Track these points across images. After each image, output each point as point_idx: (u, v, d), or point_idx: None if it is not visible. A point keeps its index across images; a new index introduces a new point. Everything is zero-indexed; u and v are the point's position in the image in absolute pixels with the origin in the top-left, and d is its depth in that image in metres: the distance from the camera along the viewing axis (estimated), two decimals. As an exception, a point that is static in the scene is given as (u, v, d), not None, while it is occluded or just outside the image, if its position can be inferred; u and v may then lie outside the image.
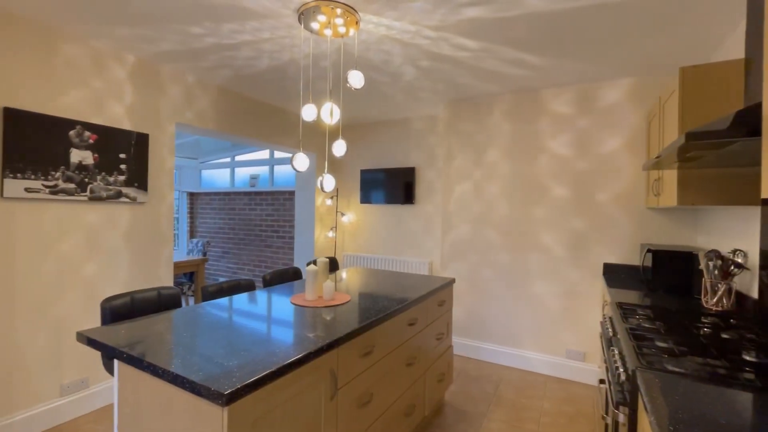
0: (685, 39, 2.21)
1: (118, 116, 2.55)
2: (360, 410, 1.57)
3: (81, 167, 2.34)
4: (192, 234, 6.09)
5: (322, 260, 1.98)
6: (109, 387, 2.53)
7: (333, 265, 3.03)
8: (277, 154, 5.43)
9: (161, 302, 1.82)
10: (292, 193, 5.07)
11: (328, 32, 2.13)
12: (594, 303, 2.96)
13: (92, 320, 2.45)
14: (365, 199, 4.49)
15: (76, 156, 2.32)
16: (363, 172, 4.52)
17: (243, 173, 5.83)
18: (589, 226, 2.98)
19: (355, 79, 2.03)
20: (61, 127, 2.25)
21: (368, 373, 1.62)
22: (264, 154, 5.58)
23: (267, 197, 5.30)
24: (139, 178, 2.64)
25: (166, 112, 2.84)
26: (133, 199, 2.62)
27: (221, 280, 5.66)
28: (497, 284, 3.33)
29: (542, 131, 3.16)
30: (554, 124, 3.11)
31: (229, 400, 0.96)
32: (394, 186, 4.30)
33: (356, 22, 2.06)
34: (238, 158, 5.86)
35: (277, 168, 5.49)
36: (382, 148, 4.47)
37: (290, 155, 5.23)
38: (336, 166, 4.80)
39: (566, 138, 3.07)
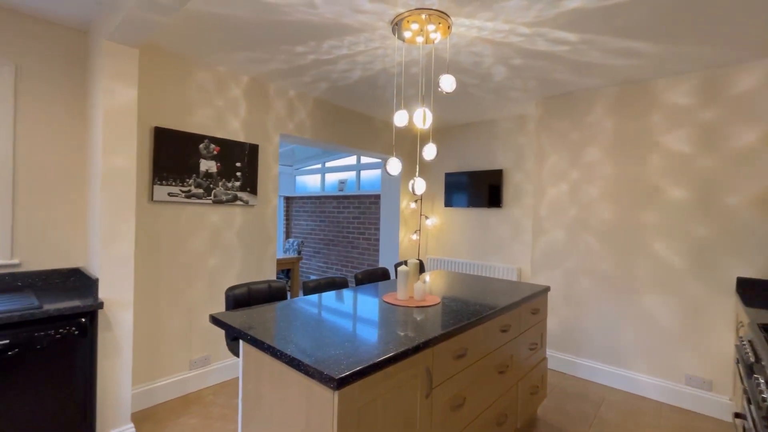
0: None
1: (235, 130, 2.93)
2: (453, 413, 1.57)
3: (207, 175, 2.74)
4: (287, 234, 6.68)
5: (413, 261, 2.03)
6: (226, 365, 2.90)
7: (419, 268, 3.08)
8: (364, 160, 5.69)
9: (271, 293, 2.04)
10: (377, 196, 5.26)
11: (419, 39, 2.19)
12: (722, 323, 2.54)
13: (214, 306, 2.84)
14: (449, 202, 4.46)
15: (204, 165, 2.72)
16: (447, 176, 4.50)
17: (332, 178, 6.22)
18: (716, 234, 2.57)
19: (447, 83, 2.05)
20: (193, 141, 2.66)
21: (461, 376, 1.61)
22: (351, 160, 5.89)
23: (354, 200, 5.58)
24: (250, 183, 3.00)
25: (272, 124, 3.18)
26: (246, 203, 2.98)
27: (312, 277, 6.10)
28: (597, 294, 3.05)
29: (653, 126, 2.82)
30: (669, 118, 2.75)
31: (339, 384, 1.05)
32: (478, 189, 4.20)
33: (448, 27, 2.09)
34: (327, 164, 6.27)
35: (363, 173, 5.75)
36: (466, 150, 4.41)
37: (376, 160, 5.44)
38: (421, 170, 4.86)
39: (685, 132, 2.69)
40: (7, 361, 1.56)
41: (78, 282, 2.17)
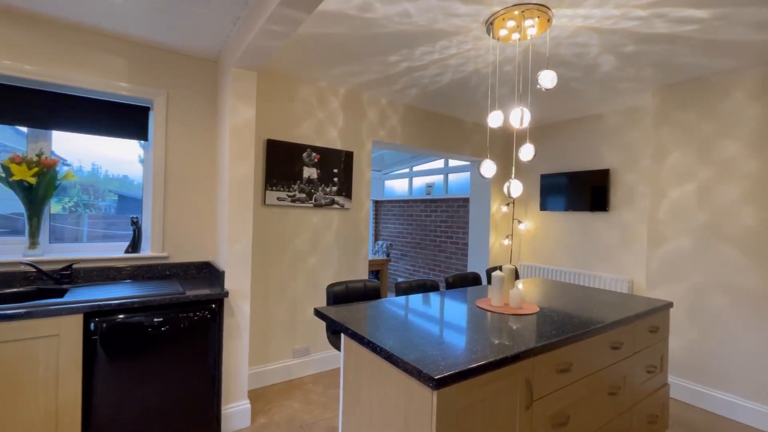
0: None
1: (332, 138, 3.15)
2: (555, 431, 1.47)
3: (309, 181, 3.00)
4: (376, 237, 6.93)
5: (508, 267, 1.95)
6: (324, 356, 3.12)
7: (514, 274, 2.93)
8: (451, 163, 5.63)
9: (366, 292, 2.15)
10: (465, 200, 5.16)
11: (515, 36, 2.10)
12: None
13: (314, 300, 3.08)
14: (545, 205, 4.17)
15: (306, 172, 2.99)
16: (543, 177, 4.21)
17: (419, 182, 6.29)
18: None
19: (547, 79, 1.93)
20: (298, 150, 2.94)
21: (564, 392, 1.50)
22: (439, 163, 5.88)
23: (441, 204, 5.56)
24: (346, 188, 3.20)
25: (365, 131, 3.35)
26: (342, 206, 3.18)
27: (400, 279, 6.23)
28: (736, 314, 2.55)
29: (822, 111, 2.27)
30: None
31: (438, 385, 1.07)
32: (579, 191, 3.85)
33: (548, 20, 1.97)
34: (415, 168, 6.36)
35: (451, 176, 5.70)
36: (565, 150, 4.08)
37: (464, 163, 5.34)
38: (514, 172, 4.63)
39: None
40: (161, 335, 1.91)
41: (208, 274, 2.55)
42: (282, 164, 2.87)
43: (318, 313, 1.74)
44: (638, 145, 3.49)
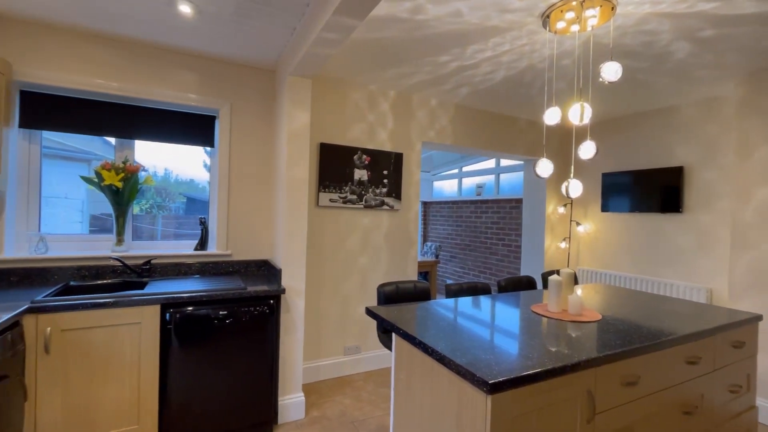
0: None
1: (382, 140, 3.20)
2: (620, 447, 1.37)
3: (359, 183, 3.07)
4: (425, 238, 6.90)
5: (567, 271, 1.85)
6: (374, 356, 3.17)
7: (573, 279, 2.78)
8: (503, 163, 5.46)
9: (416, 293, 2.15)
10: (518, 200, 4.97)
11: (574, 28, 2.00)
12: None
13: (364, 300, 3.15)
14: (607, 206, 3.89)
15: (357, 174, 3.06)
16: (605, 176, 3.94)
17: (469, 183, 6.16)
18: None
19: (611, 71, 1.81)
20: (349, 153, 3.02)
21: (631, 407, 1.39)
22: (489, 163, 5.72)
23: (492, 205, 5.40)
24: (395, 189, 3.22)
25: (415, 133, 3.36)
26: (391, 207, 3.21)
27: (449, 281, 6.14)
28: None
29: None
30: None
31: (492, 389, 1.04)
32: (647, 191, 3.55)
33: (612, 8, 1.85)
34: (465, 169, 6.24)
35: (502, 176, 5.52)
36: (630, 146, 3.78)
37: (516, 163, 5.15)
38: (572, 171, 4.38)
39: None
40: (225, 327, 2.06)
41: (267, 271, 2.70)
42: (334, 167, 2.97)
43: (370, 312, 1.78)
44: (718, 139, 3.14)
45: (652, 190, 3.52)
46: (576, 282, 2.81)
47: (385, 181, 3.18)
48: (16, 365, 1.58)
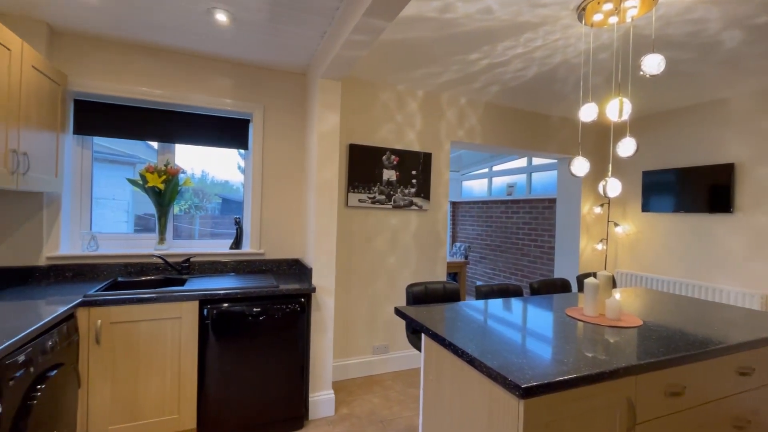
0: None
1: (411, 140, 3.19)
2: (663, 460, 1.30)
3: (388, 183, 3.08)
4: (454, 239, 6.82)
5: (605, 274, 1.78)
6: (402, 356, 3.17)
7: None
8: (535, 161, 5.30)
9: (445, 294, 2.13)
10: (551, 200, 4.81)
11: (612, 20, 1.91)
12: None
13: (393, 299, 3.15)
14: (648, 206, 3.69)
15: (386, 174, 3.07)
16: (645, 174, 3.74)
17: (500, 182, 6.03)
18: None
19: (653, 64, 1.72)
20: (377, 153, 3.03)
21: (676, 419, 1.32)
22: (521, 162, 5.57)
23: (524, 205, 5.26)
24: (424, 189, 3.21)
25: (443, 132, 3.33)
26: (420, 207, 3.20)
27: (479, 282, 6.04)
28: None
29: None
30: None
31: (525, 394, 1.02)
32: (693, 190, 3.34)
33: (654, -2, 1.75)
34: (495, 168, 6.11)
35: (534, 175, 5.36)
36: (674, 142, 3.57)
37: (550, 161, 4.99)
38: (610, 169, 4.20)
39: None
40: (259, 324, 2.12)
41: (298, 270, 2.77)
42: (363, 167, 2.99)
43: (399, 312, 1.78)
44: (775, 133, 2.91)
45: (699, 189, 3.31)
46: (614, 285, 2.69)
47: (414, 181, 3.17)
48: (71, 354, 1.71)
